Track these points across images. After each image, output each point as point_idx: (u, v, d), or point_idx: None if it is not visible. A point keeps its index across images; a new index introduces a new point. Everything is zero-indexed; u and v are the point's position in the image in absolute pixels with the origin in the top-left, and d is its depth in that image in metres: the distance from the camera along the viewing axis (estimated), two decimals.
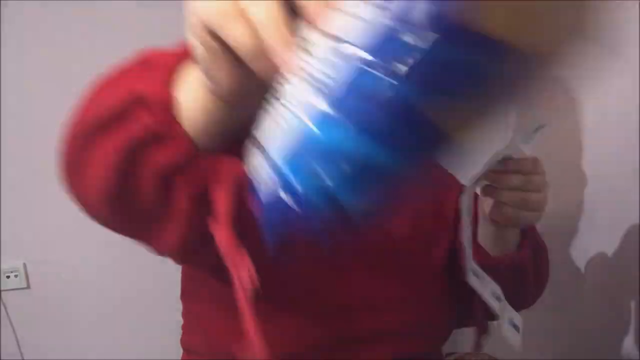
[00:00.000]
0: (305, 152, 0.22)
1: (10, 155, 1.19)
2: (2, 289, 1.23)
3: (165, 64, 0.38)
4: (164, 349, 1.23)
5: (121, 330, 1.29)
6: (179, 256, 0.49)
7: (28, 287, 1.25)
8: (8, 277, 1.24)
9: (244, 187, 0.31)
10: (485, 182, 0.60)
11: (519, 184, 0.57)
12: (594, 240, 0.82)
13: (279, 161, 0.23)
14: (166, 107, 0.36)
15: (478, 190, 0.64)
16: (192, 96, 0.36)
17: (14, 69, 1.19)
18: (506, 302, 0.64)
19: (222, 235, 0.37)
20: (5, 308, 1.24)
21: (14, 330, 1.25)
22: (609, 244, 0.78)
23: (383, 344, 0.65)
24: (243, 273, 0.36)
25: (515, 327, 0.62)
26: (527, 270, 0.69)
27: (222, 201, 0.37)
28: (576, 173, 0.82)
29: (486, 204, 0.64)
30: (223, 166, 0.38)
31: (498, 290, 0.63)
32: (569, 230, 0.86)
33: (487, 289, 0.63)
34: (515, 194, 0.58)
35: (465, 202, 0.60)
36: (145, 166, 0.38)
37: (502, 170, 0.58)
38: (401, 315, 0.66)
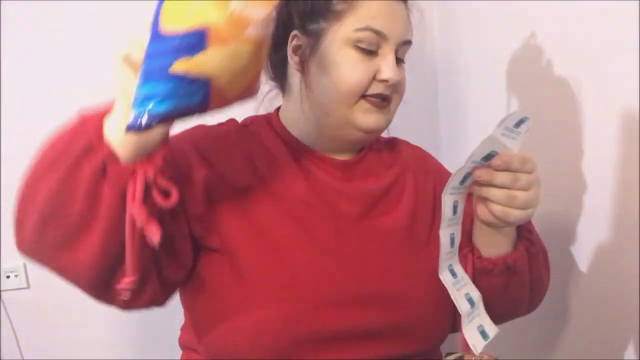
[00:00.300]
0: (137, 98, 0.47)
1: (10, 155, 1.19)
2: (2, 289, 1.23)
3: (97, 112, 0.53)
4: (163, 348, 1.23)
5: (121, 330, 1.29)
6: (96, 271, 0.56)
7: (28, 287, 1.25)
8: (8, 277, 1.23)
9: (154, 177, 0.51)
10: (474, 180, 0.60)
11: (505, 182, 0.57)
12: (594, 240, 0.82)
13: (135, 105, 0.48)
14: (99, 131, 0.51)
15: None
16: (115, 119, 0.51)
17: (14, 69, 1.19)
18: (481, 308, 0.64)
19: (133, 194, 0.51)
20: (5, 308, 1.24)
21: (14, 330, 1.25)
22: (609, 244, 0.78)
23: (376, 341, 0.65)
24: (144, 222, 0.51)
25: (483, 334, 0.62)
26: (521, 272, 0.68)
27: (134, 185, 0.51)
28: (576, 173, 0.83)
29: (478, 203, 0.64)
30: (138, 166, 0.51)
31: (474, 295, 0.64)
32: (569, 230, 0.86)
33: (461, 290, 0.63)
34: (502, 191, 0.58)
35: (447, 200, 0.60)
36: (80, 176, 0.50)
37: (489, 168, 0.58)
38: (395, 313, 0.66)
